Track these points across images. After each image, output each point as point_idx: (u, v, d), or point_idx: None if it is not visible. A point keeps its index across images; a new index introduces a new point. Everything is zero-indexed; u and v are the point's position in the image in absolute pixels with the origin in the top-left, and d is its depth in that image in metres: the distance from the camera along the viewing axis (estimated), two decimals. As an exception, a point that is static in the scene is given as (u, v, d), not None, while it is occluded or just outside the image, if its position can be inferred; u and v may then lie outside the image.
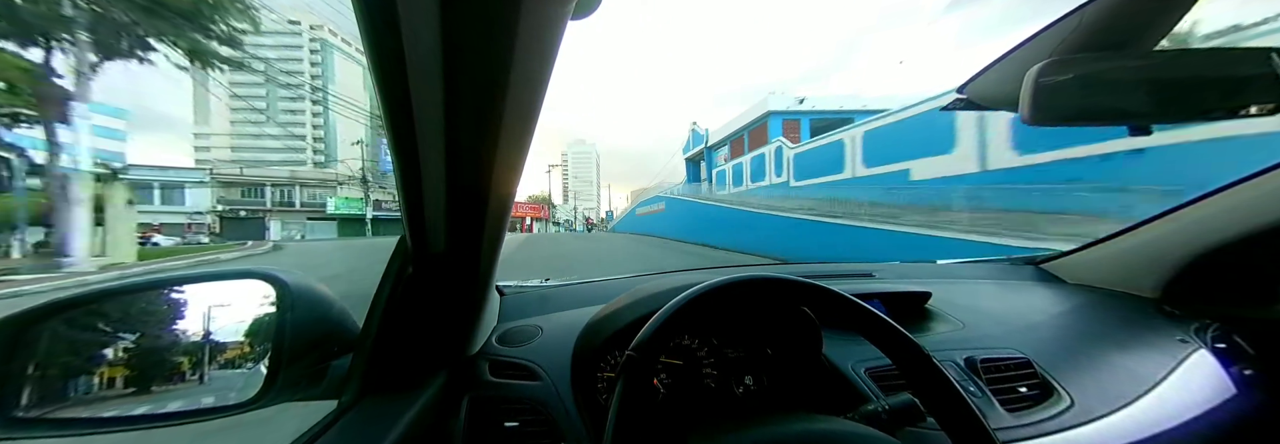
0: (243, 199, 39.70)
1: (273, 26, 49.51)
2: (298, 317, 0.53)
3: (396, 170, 0.42)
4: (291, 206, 40.92)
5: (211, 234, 34.80)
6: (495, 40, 0.28)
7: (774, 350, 0.75)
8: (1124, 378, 0.73)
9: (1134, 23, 0.61)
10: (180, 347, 0.52)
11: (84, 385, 0.48)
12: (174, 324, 0.54)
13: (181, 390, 0.50)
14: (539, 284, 1.09)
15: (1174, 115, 0.62)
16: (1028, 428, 0.64)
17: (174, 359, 0.51)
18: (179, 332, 0.53)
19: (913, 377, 0.51)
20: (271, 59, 43.39)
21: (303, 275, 0.57)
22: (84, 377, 0.48)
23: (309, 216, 40.54)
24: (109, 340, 0.51)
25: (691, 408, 0.70)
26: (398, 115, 0.35)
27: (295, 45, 59.35)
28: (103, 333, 0.51)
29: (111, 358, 0.50)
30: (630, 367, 0.46)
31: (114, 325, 0.52)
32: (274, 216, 39.09)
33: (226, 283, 0.56)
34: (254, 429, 1.07)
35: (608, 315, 0.69)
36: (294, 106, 60.04)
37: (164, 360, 0.51)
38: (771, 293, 0.55)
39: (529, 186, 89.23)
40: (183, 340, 0.53)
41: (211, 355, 0.53)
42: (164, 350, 0.52)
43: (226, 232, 35.96)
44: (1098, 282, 1.06)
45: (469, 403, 0.67)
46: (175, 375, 0.51)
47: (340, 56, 60.07)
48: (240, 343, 0.54)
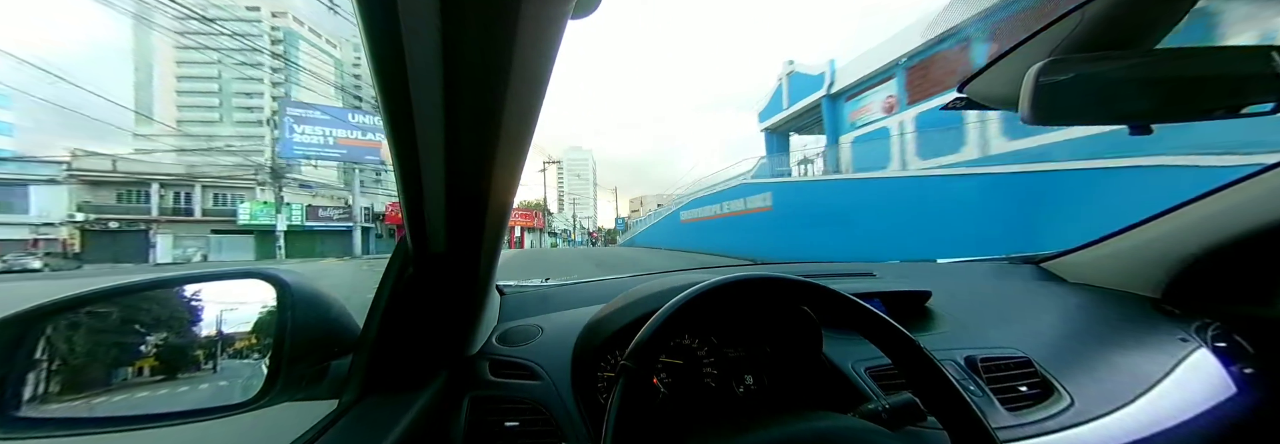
0: (119, 204, 27.23)
1: (226, 13, 41.52)
2: (298, 316, 0.53)
3: (396, 170, 0.42)
4: (189, 214, 28.32)
5: (63, 255, 23.82)
6: (495, 40, 0.28)
7: (774, 350, 0.75)
8: (1124, 377, 0.73)
9: (1134, 22, 0.61)
10: (181, 347, 0.52)
11: (84, 385, 0.48)
12: (174, 324, 0.54)
13: (182, 390, 0.50)
14: (539, 284, 1.09)
15: (1174, 115, 0.62)
16: (1028, 427, 0.64)
17: (174, 359, 0.51)
18: (179, 332, 0.53)
19: (913, 376, 0.51)
20: (227, 49, 32.02)
21: (303, 275, 0.58)
22: (84, 376, 0.49)
23: (215, 229, 28.45)
24: (109, 340, 0.51)
25: (691, 408, 0.70)
26: (398, 115, 0.35)
27: (253, 34, 45.75)
28: (103, 333, 0.51)
29: (112, 358, 0.50)
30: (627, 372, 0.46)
31: (114, 325, 0.52)
32: (163, 229, 26.87)
33: (227, 283, 0.56)
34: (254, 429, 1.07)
35: (608, 315, 0.69)
36: (251, 103, 54.20)
37: (164, 360, 0.51)
38: (771, 292, 0.55)
39: (521, 191, 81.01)
40: (183, 340, 0.53)
41: (212, 355, 0.53)
42: (164, 350, 0.52)
43: (90, 251, 25.10)
44: (1098, 280, 1.06)
45: (469, 403, 0.67)
46: (176, 375, 0.51)
47: (308, 48, 54.30)
48: (241, 343, 0.54)
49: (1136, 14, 0.60)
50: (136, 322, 0.53)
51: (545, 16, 0.28)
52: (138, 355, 0.51)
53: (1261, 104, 0.55)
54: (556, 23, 0.29)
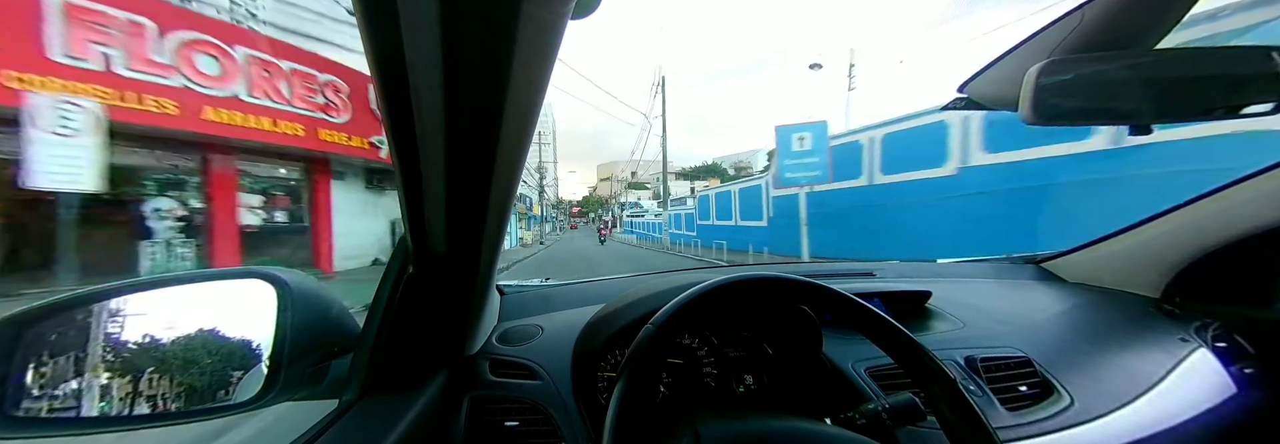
0: None
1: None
2: (298, 316, 0.53)
3: (396, 170, 0.42)
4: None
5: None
6: (495, 40, 0.28)
7: (774, 350, 0.75)
8: (1124, 377, 0.73)
9: (1134, 22, 0.61)
10: (181, 346, 0.52)
11: (84, 385, 0.48)
12: (175, 324, 0.54)
13: (182, 390, 0.50)
14: (539, 284, 1.09)
15: (1174, 115, 0.62)
16: (1028, 427, 0.64)
17: (174, 359, 0.51)
18: (180, 331, 0.53)
19: (913, 376, 0.51)
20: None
21: (303, 275, 0.58)
22: (84, 376, 0.48)
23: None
24: (109, 340, 0.51)
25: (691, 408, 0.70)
26: (398, 115, 0.35)
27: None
28: (103, 333, 0.51)
29: (112, 358, 0.50)
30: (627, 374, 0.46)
31: (115, 325, 0.52)
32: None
33: (227, 282, 0.56)
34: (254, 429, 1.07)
35: (608, 315, 0.69)
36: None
37: (165, 360, 0.51)
38: (771, 292, 0.55)
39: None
40: (183, 340, 0.53)
41: (212, 355, 0.53)
42: (165, 350, 0.52)
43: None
44: (1098, 280, 1.06)
45: (469, 402, 0.67)
46: (176, 375, 0.51)
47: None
48: (241, 342, 0.54)
49: (1136, 14, 0.60)
50: (137, 321, 0.53)
51: (545, 17, 0.28)
52: (138, 355, 0.51)
53: (1261, 104, 0.55)
54: (557, 23, 0.29)
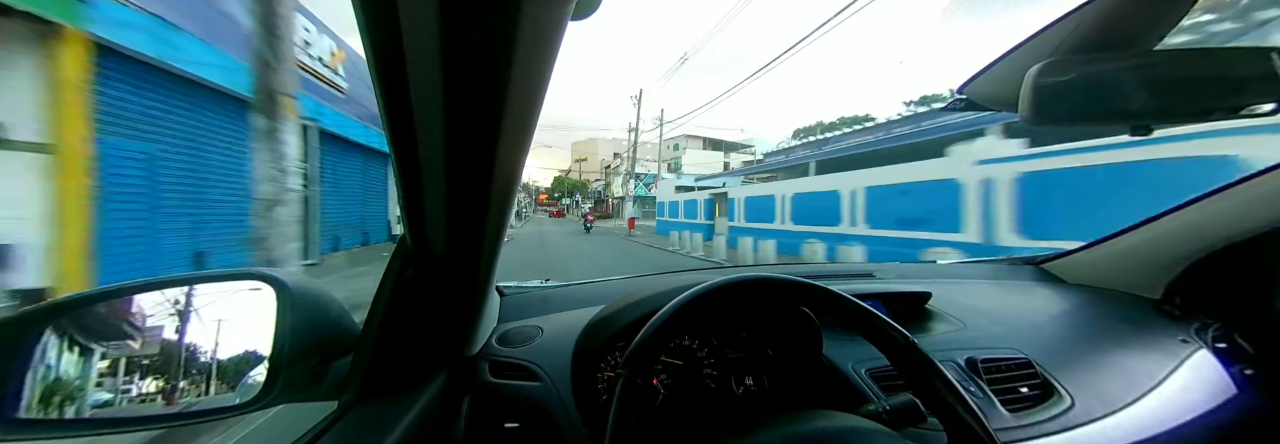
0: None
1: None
2: (298, 317, 0.53)
3: (396, 170, 0.42)
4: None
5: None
6: (495, 40, 0.28)
7: (774, 351, 0.75)
8: (1125, 378, 0.73)
9: (1134, 23, 0.61)
10: (180, 348, 0.52)
11: (84, 386, 0.48)
12: (174, 325, 0.54)
13: (182, 391, 0.50)
14: (539, 285, 1.09)
15: (1174, 115, 0.62)
16: (1029, 428, 0.64)
17: (174, 360, 0.51)
18: (179, 332, 0.53)
19: (913, 377, 0.51)
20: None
21: (303, 276, 0.57)
22: (84, 378, 0.48)
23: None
24: (109, 341, 0.51)
25: (692, 409, 0.70)
26: (398, 115, 0.35)
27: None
28: (103, 334, 0.51)
29: (112, 359, 0.50)
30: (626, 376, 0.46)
31: (114, 326, 0.52)
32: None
33: (227, 283, 0.56)
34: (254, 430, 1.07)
35: (608, 316, 0.69)
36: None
37: (164, 361, 0.51)
38: (771, 293, 0.55)
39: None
40: (182, 341, 0.53)
41: (212, 356, 0.53)
42: (164, 351, 0.51)
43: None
44: (1098, 281, 1.06)
45: (469, 404, 0.67)
46: (175, 376, 0.51)
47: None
48: (240, 343, 0.54)
49: (1136, 14, 0.60)
50: (137, 322, 0.53)
51: (545, 17, 0.28)
52: (138, 356, 0.51)
53: (1261, 104, 0.55)
54: (557, 23, 0.29)
